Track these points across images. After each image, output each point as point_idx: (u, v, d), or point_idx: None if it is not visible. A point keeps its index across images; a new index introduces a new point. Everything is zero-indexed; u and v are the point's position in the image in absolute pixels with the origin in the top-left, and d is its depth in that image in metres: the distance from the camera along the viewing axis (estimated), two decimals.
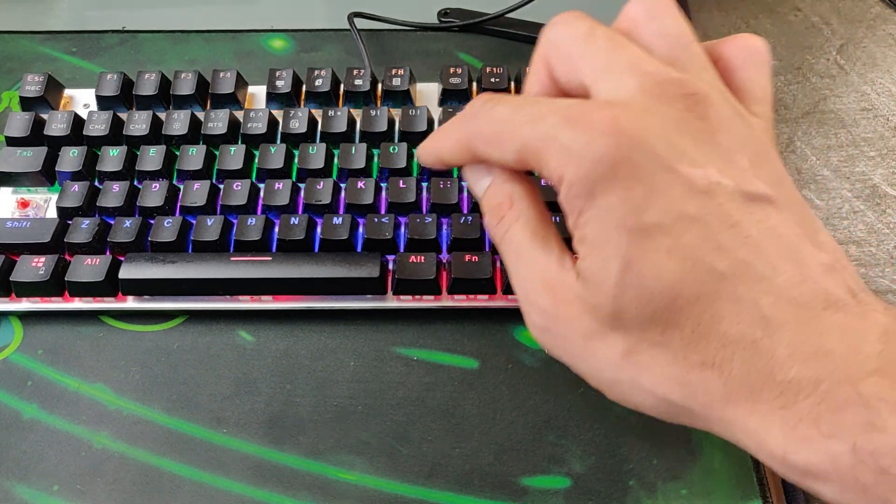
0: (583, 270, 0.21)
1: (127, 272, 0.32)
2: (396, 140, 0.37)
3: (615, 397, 0.23)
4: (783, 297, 0.20)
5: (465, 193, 0.35)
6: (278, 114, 0.38)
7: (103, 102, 0.38)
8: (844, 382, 0.18)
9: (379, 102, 0.39)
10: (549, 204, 0.24)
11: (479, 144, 0.23)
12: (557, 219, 0.32)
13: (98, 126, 0.37)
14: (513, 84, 0.39)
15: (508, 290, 0.33)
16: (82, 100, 0.40)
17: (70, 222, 0.34)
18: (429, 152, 0.26)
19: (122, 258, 0.33)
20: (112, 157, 0.36)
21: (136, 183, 0.36)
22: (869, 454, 0.18)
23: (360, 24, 0.44)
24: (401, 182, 0.34)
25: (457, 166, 0.25)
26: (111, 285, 0.33)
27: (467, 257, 0.32)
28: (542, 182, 0.33)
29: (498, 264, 0.33)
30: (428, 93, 0.40)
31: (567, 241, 0.22)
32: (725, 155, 0.21)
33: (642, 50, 0.22)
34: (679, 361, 0.21)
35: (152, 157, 0.36)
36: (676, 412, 0.22)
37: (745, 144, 0.22)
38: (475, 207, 0.35)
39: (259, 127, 0.37)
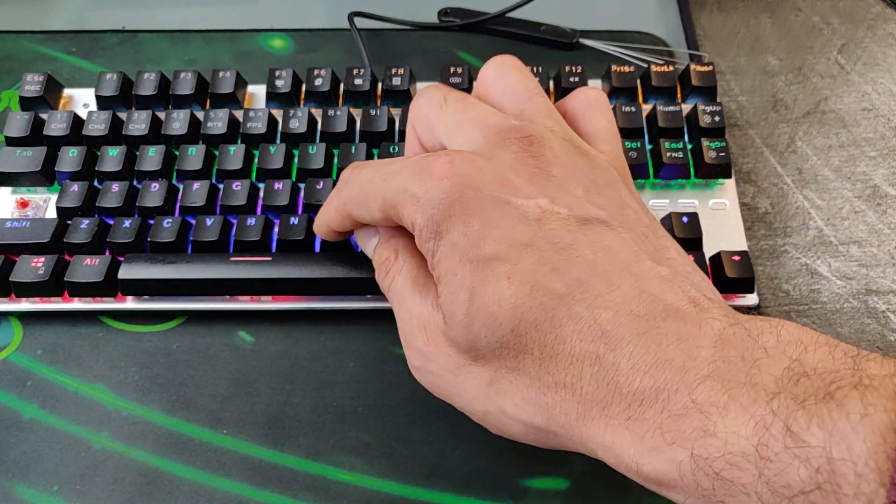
0: (441, 307, 0.23)
1: (126, 272, 0.32)
2: (396, 140, 0.37)
3: (491, 428, 0.24)
4: (622, 312, 0.21)
5: None
6: (278, 114, 0.38)
7: (103, 102, 0.38)
8: (681, 390, 0.19)
9: (379, 102, 0.39)
10: None
11: (353, 208, 0.26)
12: None
13: (97, 126, 0.37)
14: None
15: None
16: (82, 100, 0.40)
17: (69, 222, 0.34)
18: (320, 225, 0.29)
19: (122, 258, 0.33)
20: (111, 157, 0.36)
21: (135, 183, 0.36)
22: (704, 460, 0.18)
23: (360, 23, 0.44)
24: None
25: (347, 232, 0.28)
26: (111, 285, 0.33)
27: None
28: None
29: None
30: None
31: None
32: (559, 186, 0.23)
33: (488, 107, 0.25)
34: (535, 384, 0.21)
35: (152, 157, 0.36)
36: (544, 436, 0.22)
37: (581, 175, 0.24)
38: None
39: (259, 127, 0.37)
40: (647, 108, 0.37)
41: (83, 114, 0.38)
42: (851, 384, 0.18)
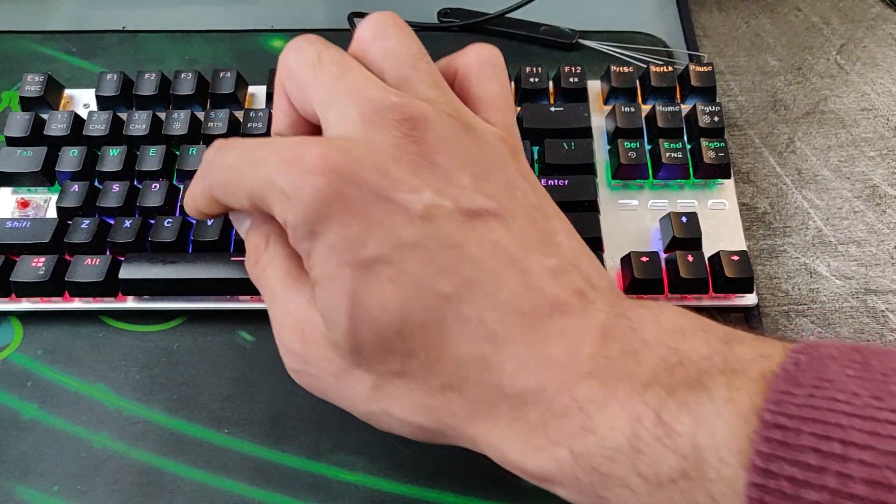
0: (320, 310, 0.21)
1: (127, 272, 0.32)
2: None
3: (379, 427, 0.23)
4: (509, 310, 0.20)
5: None
6: None
7: (103, 102, 0.38)
8: (563, 388, 0.19)
9: None
10: None
11: (219, 194, 0.23)
12: None
13: (98, 126, 0.37)
14: (512, 84, 0.39)
15: None
16: (82, 100, 0.40)
17: (70, 222, 0.34)
18: (188, 206, 0.26)
19: (122, 258, 0.33)
20: (112, 157, 0.36)
21: (136, 183, 0.36)
22: (582, 456, 0.19)
23: None
24: None
25: (217, 215, 0.26)
26: (111, 285, 0.33)
27: None
28: None
29: None
30: None
31: None
32: (444, 175, 0.21)
33: (367, 74, 0.23)
34: (422, 387, 0.21)
35: (152, 157, 0.36)
36: (433, 436, 0.22)
37: (468, 160, 0.22)
38: None
39: (259, 127, 0.37)
40: (646, 108, 0.38)
41: (83, 114, 0.38)
42: (719, 370, 0.18)
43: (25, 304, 0.33)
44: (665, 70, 0.38)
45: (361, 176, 0.20)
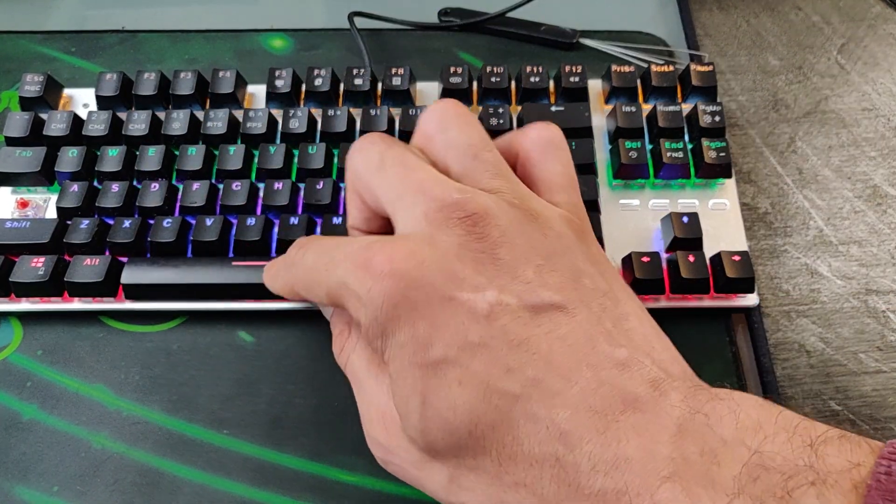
0: (396, 406, 0.22)
1: (129, 277, 0.32)
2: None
3: None
4: (580, 408, 0.20)
5: None
6: (278, 113, 0.38)
7: (103, 102, 0.38)
8: (643, 492, 0.19)
9: (379, 102, 0.39)
10: None
11: (301, 291, 0.25)
12: None
13: (97, 126, 0.37)
14: (513, 83, 0.39)
15: None
16: (81, 99, 0.40)
17: (69, 222, 0.34)
18: (270, 286, 0.27)
19: (122, 259, 0.33)
20: (111, 157, 0.36)
21: (135, 183, 0.35)
22: None
23: (361, 23, 0.44)
24: None
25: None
26: (111, 285, 0.33)
27: None
28: None
29: None
30: (428, 92, 0.40)
31: None
32: (508, 271, 0.21)
33: (429, 171, 0.23)
34: (495, 483, 0.21)
35: (152, 157, 0.36)
36: None
37: (532, 251, 0.22)
38: None
39: (259, 127, 0.37)
40: (647, 108, 0.37)
41: (83, 114, 0.38)
42: (809, 481, 0.17)
43: (25, 305, 0.33)
44: (666, 69, 0.38)
45: (426, 278, 0.21)
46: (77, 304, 0.33)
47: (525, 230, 0.22)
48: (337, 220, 0.33)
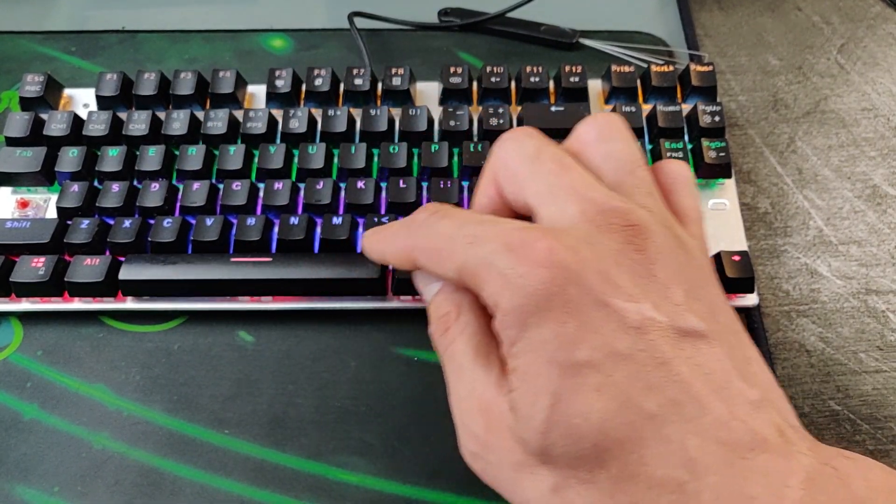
0: (513, 402, 0.21)
1: (127, 273, 0.32)
2: (396, 140, 0.37)
3: None
4: (710, 438, 0.19)
5: (465, 195, 0.35)
6: (278, 113, 0.38)
7: (103, 102, 0.38)
8: None
9: (379, 102, 0.39)
10: None
11: (421, 257, 0.23)
12: None
13: (97, 126, 0.37)
14: (513, 83, 0.39)
15: None
16: (82, 99, 0.40)
17: (70, 222, 0.34)
18: (374, 249, 0.25)
19: (122, 258, 0.33)
20: (111, 157, 0.36)
21: (135, 183, 0.35)
22: None
23: (360, 23, 0.44)
24: (401, 182, 0.34)
25: (404, 269, 0.25)
26: (111, 285, 0.33)
27: None
28: None
29: None
30: (428, 92, 0.40)
31: None
32: (661, 288, 0.21)
33: (588, 174, 0.22)
34: (606, 500, 0.20)
35: (152, 157, 0.36)
36: None
37: (682, 275, 0.21)
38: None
39: (259, 127, 0.37)
40: (647, 108, 0.37)
41: (83, 114, 0.38)
42: None
43: (25, 305, 0.33)
44: (666, 69, 0.38)
45: (585, 276, 0.20)
46: (77, 304, 0.33)
47: (676, 253, 0.22)
48: (337, 220, 0.33)
